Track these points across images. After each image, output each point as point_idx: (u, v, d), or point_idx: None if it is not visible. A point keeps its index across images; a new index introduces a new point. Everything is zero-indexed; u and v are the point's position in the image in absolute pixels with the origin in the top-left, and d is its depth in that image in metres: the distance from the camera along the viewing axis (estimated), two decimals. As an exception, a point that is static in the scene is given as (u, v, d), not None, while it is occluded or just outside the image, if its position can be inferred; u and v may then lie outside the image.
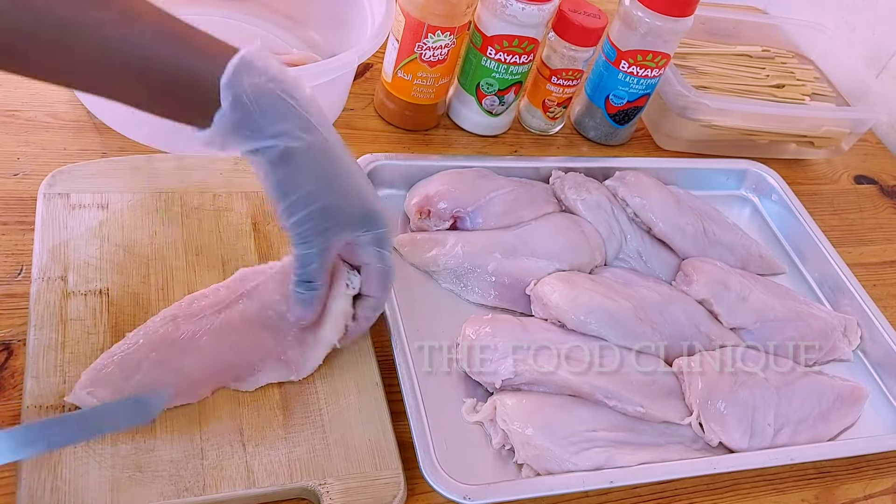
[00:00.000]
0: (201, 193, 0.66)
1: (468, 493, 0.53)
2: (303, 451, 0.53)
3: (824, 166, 0.98)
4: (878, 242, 0.90)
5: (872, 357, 0.75)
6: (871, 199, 0.96)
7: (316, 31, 0.86)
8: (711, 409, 0.63)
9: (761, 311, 0.72)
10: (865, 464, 0.67)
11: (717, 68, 0.97)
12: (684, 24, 0.80)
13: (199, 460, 0.51)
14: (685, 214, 0.77)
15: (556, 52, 0.81)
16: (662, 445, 0.61)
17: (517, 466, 0.58)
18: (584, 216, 0.74)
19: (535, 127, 0.88)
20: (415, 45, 0.75)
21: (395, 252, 0.69)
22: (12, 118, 0.70)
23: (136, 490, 0.49)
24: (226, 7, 0.86)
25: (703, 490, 0.61)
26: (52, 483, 0.48)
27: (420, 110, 0.81)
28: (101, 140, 0.71)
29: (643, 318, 0.66)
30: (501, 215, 0.73)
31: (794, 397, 0.66)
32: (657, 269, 0.75)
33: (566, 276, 0.68)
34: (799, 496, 0.63)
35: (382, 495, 0.53)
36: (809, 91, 0.99)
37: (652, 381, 0.64)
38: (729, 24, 1.02)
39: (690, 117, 0.87)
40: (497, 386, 0.60)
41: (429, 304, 0.67)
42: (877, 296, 0.78)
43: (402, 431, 0.56)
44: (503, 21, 0.75)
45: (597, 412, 0.61)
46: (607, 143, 0.90)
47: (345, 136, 0.79)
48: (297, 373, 0.56)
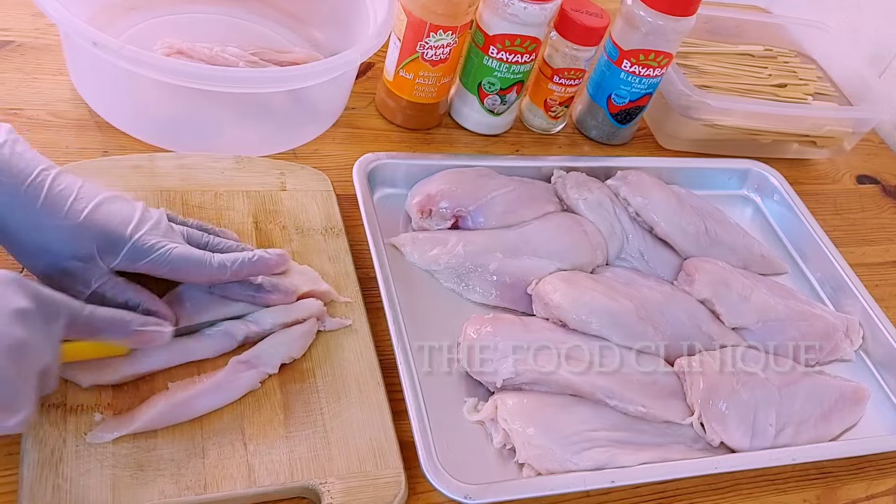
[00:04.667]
0: (203, 192, 0.66)
1: (469, 493, 0.53)
2: (304, 450, 0.53)
3: (826, 166, 0.98)
4: (880, 242, 0.90)
5: (874, 357, 0.75)
6: (873, 199, 0.96)
7: (318, 30, 0.86)
8: (713, 408, 0.62)
9: (763, 310, 0.72)
10: (867, 464, 0.67)
11: (719, 68, 0.97)
12: (687, 23, 0.79)
13: (201, 459, 0.51)
14: (687, 214, 0.77)
15: (558, 51, 0.81)
16: (664, 445, 0.61)
17: (518, 466, 0.58)
18: (586, 215, 0.74)
19: (536, 126, 0.88)
20: (417, 44, 0.75)
21: (396, 249, 0.70)
22: (14, 116, 0.70)
23: (138, 488, 0.49)
24: (228, 5, 0.86)
25: (705, 490, 0.61)
26: (53, 481, 0.48)
27: (422, 109, 0.81)
28: (103, 138, 0.71)
29: (645, 318, 0.66)
30: (503, 215, 0.73)
31: (796, 397, 0.66)
32: (659, 268, 0.75)
33: (568, 275, 0.68)
34: (801, 496, 0.63)
35: (383, 494, 0.53)
36: (812, 91, 0.98)
37: (653, 381, 0.64)
38: (731, 24, 1.02)
39: (692, 117, 0.87)
40: (498, 385, 0.60)
41: (430, 304, 0.67)
42: (879, 296, 0.78)
43: (403, 431, 0.56)
44: (505, 20, 0.75)
45: (598, 412, 0.61)
46: (609, 142, 0.90)
47: (346, 135, 0.80)
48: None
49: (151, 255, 0.52)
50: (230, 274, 0.56)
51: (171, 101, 0.71)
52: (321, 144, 0.78)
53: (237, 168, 0.69)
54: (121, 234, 0.52)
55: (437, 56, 0.76)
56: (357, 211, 0.68)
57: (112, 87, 0.71)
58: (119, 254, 0.52)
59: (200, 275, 0.55)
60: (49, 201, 0.50)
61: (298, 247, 0.65)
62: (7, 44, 0.76)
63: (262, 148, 0.74)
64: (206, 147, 0.70)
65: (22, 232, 0.50)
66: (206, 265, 0.55)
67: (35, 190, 0.50)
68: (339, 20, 0.83)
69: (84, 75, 0.73)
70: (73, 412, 0.51)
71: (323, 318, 0.60)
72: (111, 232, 0.52)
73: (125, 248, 0.52)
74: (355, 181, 0.70)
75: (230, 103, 0.72)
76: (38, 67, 0.75)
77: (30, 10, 0.80)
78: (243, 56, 0.77)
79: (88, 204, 0.52)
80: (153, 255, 0.52)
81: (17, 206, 0.50)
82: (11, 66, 0.74)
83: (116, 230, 0.52)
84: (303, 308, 0.59)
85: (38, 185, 0.50)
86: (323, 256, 0.65)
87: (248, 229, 0.65)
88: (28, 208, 0.50)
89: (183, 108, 0.72)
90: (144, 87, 0.68)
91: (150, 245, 0.53)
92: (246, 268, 0.56)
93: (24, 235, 0.51)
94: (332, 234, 0.67)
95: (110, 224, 0.52)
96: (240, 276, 0.57)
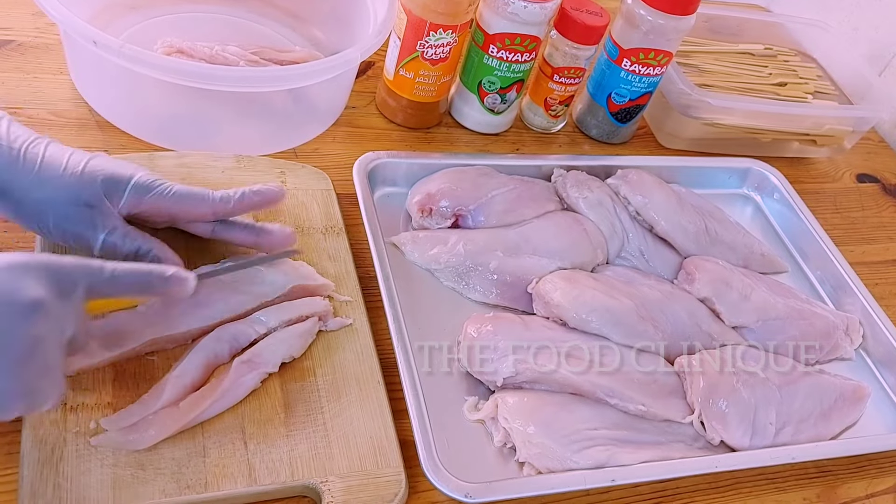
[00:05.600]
0: (203, 191, 0.66)
1: (469, 492, 0.53)
2: (304, 448, 0.53)
3: (827, 165, 0.98)
4: (880, 241, 0.90)
5: (874, 356, 0.75)
6: (873, 198, 0.96)
7: (318, 29, 0.86)
8: (713, 407, 0.62)
9: (763, 309, 0.72)
10: (867, 463, 0.67)
11: (719, 66, 0.97)
12: (687, 22, 0.79)
13: (201, 458, 0.51)
14: (687, 213, 0.77)
15: (558, 50, 0.81)
16: (664, 444, 0.61)
17: (518, 465, 0.58)
18: (586, 214, 0.74)
19: (536, 125, 0.88)
20: (417, 43, 0.75)
21: (396, 248, 0.70)
22: (14, 116, 0.68)
23: (138, 487, 0.49)
24: (228, 5, 0.86)
25: (705, 489, 0.61)
26: (54, 480, 0.48)
27: (422, 108, 0.81)
28: (104, 137, 0.71)
29: (645, 317, 0.66)
30: (503, 213, 0.73)
31: (796, 396, 0.66)
32: (659, 267, 0.75)
33: (568, 274, 0.68)
34: (800, 495, 0.63)
35: (384, 493, 0.53)
36: (812, 89, 0.98)
37: (653, 380, 0.64)
38: (732, 23, 1.02)
39: (693, 115, 0.87)
40: (498, 384, 0.60)
41: (430, 303, 0.67)
42: (879, 294, 0.78)
43: (403, 429, 0.56)
44: (505, 19, 0.75)
45: (598, 410, 0.61)
46: (609, 141, 0.90)
47: (347, 134, 0.80)
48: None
49: (155, 189, 0.54)
50: (233, 205, 0.57)
51: (171, 101, 0.71)
52: (321, 143, 0.78)
53: (237, 167, 0.69)
54: (122, 175, 0.54)
55: (437, 55, 0.76)
56: (357, 210, 0.68)
57: (112, 86, 0.71)
58: (124, 192, 0.54)
59: (204, 208, 0.56)
60: (48, 161, 0.52)
61: (299, 246, 0.65)
62: (7, 43, 0.76)
63: (262, 147, 0.74)
64: (206, 146, 0.70)
65: (26, 191, 0.52)
66: (208, 198, 0.56)
67: (33, 154, 0.52)
68: (339, 19, 0.83)
69: (84, 74, 0.73)
70: (73, 411, 0.51)
71: (326, 317, 0.60)
72: (113, 174, 0.54)
73: (129, 185, 0.54)
74: (355, 180, 0.70)
75: (230, 102, 0.72)
76: (38, 67, 0.75)
77: (30, 10, 0.80)
78: (244, 55, 0.77)
79: (85, 157, 0.54)
80: (156, 188, 0.54)
81: (19, 169, 0.52)
82: (11, 66, 0.74)
83: (118, 172, 0.54)
84: (307, 306, 0.59)
85: (35, 149, 0.53)
86: (323, 255, 0.65)
87: (249, 228, 0.65)
88: (29, 168, 0.52)
89: (183, 108, 0.72)
90: (145, 86, 0.68)
91: (152, 181, 0.55)
92: (247, 198, 0.58)
93: (30, 195, 0.52)
94: (333, 233, 0.67)
95: (110, 169, 0.54)
96: (243, 208, 0.58)
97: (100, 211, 0.53)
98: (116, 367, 0.54)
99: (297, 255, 0.62)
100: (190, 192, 0.56)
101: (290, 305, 0.59)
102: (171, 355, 0.56)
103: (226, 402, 0.54)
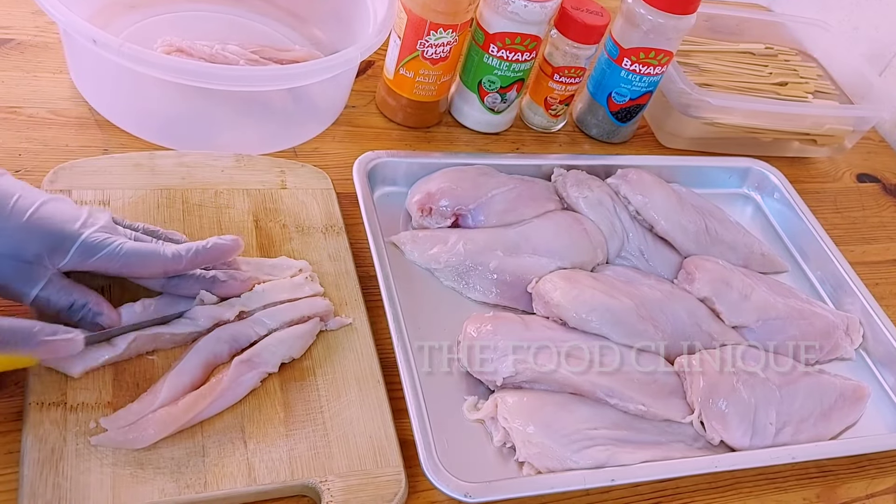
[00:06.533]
0: (203, 190, 0.66)
1: (469, 491, 0.53)
2: (304, 448, 0.53)
3: (827, 164, 0.98)
4: (880, 241, 0.90)
5: (875, 356, 0.75)
6: (873, 198, 0.96)
7: (318, 28, 0.86)
8: (713, 407, 0.62)
9: (763, 309, 0.72)
10: (867, 462, 0.67)
11: (719, 66, 0.97)
12: (687, 21, 0.79)
13: (201, 457, 0.51)
14: (687, 212, 0.77)
15: (558, 49, 0.81)
16: (664, 444, 0.61)
17: (518, 464, 0.58)
18: (586, 214, 0.74)
19: (537, 124, 0.88)
20: (417, 42, 0.75)
21: (396, 247, 0.70)
22: (14, 115, 0.70)
23: (138, 487, 0.49)
24: (228, 3, 0.86)
25: (705, 488, 0.61)
26: (53, 480, 0.48)
27: (422, 108, 0.81)
28: (103, 136, 0.71)
29: (645, 317, 0.66)
30: (503, 213, 0.73)
31: (796, 396, 0.66)
32: (659, 267, 0.75)
33: (568, 273, 0.68)
34: (800, 495, 0.63)
35: (383, 493, 0.53)
36: (812, 89, 0.98)
37: (653, 380, 0.64)
38: (732, 22, 1.02)
39: (693, 115, 0.87)
40: (498, 384, 0.60)
41: (430, 302, 0.67)
42: (879, 294, 0.78)
43: (403, 429, 0.56)
44: (505, 18, 0.75)
45: (598, 410, 0.61)
46: (609, 140, 0.90)
47: (347, 133, 0.80)
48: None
49: (103, 251, 0.51)
50: (185, 262, 0.54)
51: (171, 100, 0.71)
52: (321, 143, 0.78)
53: (237, 166, 0.69)
54: (70, 232, 0.50)
55: (437, 54, 0.76)
56: (357, 209, 0.68)
57: (112, 85, 0.71)
58: (69, 251, 0.50)
59: (155, 267, 0.53)
60: None
61: (298, 245, 0.65)
62: (7, 42, 0.76)
63: (262, 146, 0.74)
64: (206, 145, 0.70)
65: None
66: (159, 256, 0.53)
67: None
68: (339, 18, 0.83)
69: (84, 73, 0.73)
70: (73, 411, 0.51)
71: (328, 317, 0.60)
72: (59, 230, 0.50)
73: (75, 245, 0.50)
74: (355, 179, 0.70)
75: (230, 102, 0.72)
76: (38, 65, 0.75)
77: (30, 8, 0.80)
78: (243, 54, 0.77)
79: (33, 203, 0.50)
80: (105, 249, 0.51)
81: None
82: (11, 65, 0.74)
83: (65, 228, 0.50)
84: (309, 306, 0.59)
85: None
86: (323, 255, 0.65)
87: (249, 228, 0.65)
88: None
89: (183, 107, 0.72)
90: (145, 85, 0.68)
91: (101, 240, 0.51)
92: (201, 255, 0.55)
93: None
94: (333, 232, 0.67)
95: (57, 222, 0.50)
96: (195, 265, 0.55)
97: (38, 265, 0.50)
98: (116, 367, 0.54)
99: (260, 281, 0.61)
100: (140, 251, 0.52)
101: (292, 306, 0.59)
102: (170, 355, 0.56)
103: (225, 401, 0.54)
